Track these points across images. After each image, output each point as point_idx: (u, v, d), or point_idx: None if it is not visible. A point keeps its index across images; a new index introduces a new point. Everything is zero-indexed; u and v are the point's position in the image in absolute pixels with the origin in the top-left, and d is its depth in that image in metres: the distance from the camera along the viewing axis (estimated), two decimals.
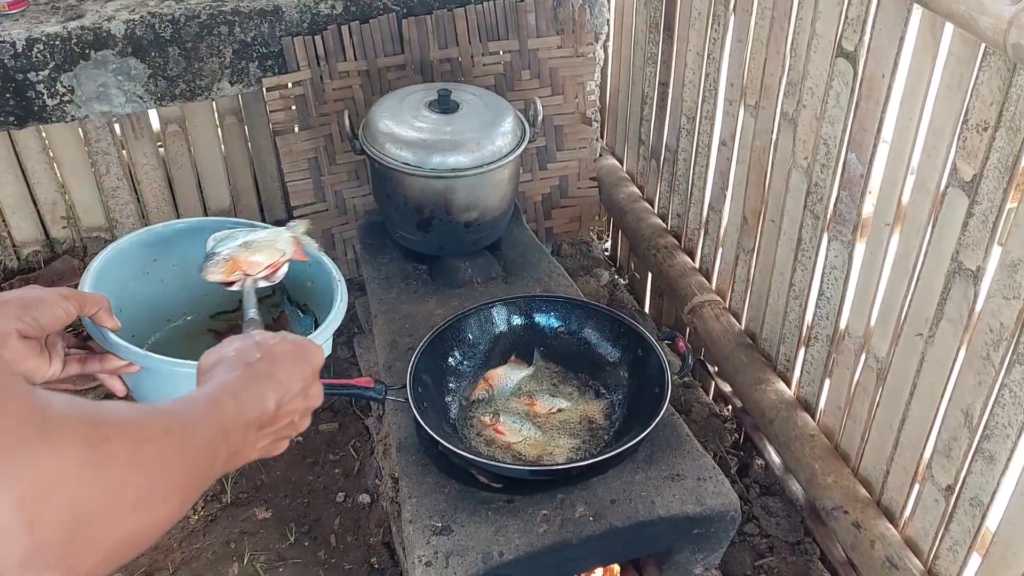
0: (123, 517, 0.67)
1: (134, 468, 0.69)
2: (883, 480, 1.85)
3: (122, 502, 0.67)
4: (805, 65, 1.85)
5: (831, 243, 1.90)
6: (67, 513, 0.62)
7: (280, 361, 1.00)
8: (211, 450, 0.82)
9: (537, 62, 2.73)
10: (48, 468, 0.62)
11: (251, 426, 0.91)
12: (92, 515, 0.64)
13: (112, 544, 0.66)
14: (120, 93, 2.47)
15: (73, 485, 0.63)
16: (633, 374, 1.93)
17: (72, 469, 0.63)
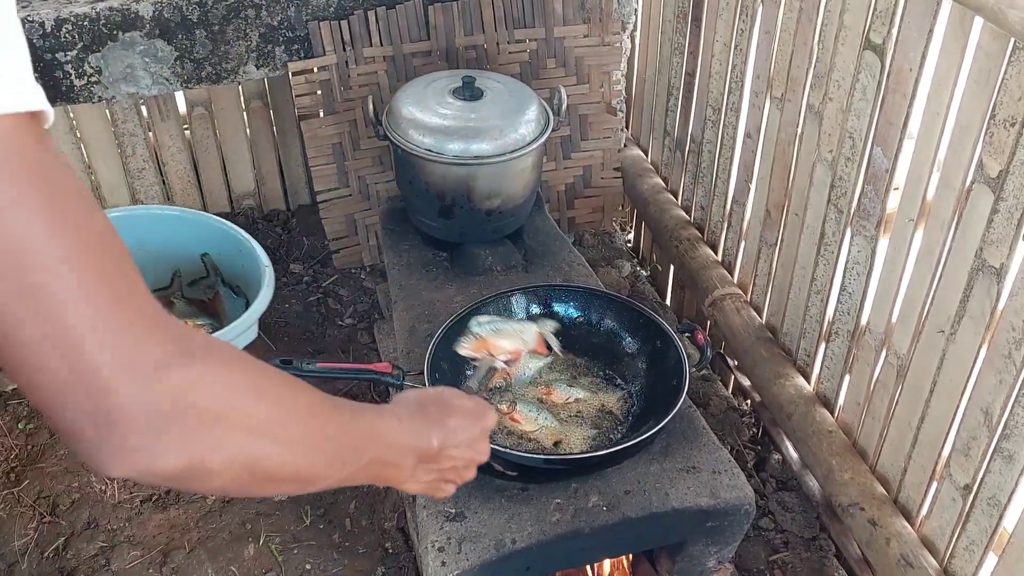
0: (259, 438, 0.75)
1: (286, 407, 0.80)
2: (900, 478, 1.84)
3: (250, 423, 0.75)
4: (832, 57, 1.83)
5: (854, 238, 1.88)
6: (213, 405, 0.70)
7: (453, 413, 1.14)
8: (354, 446, 0.93)
9: (563, 51, 2.72)
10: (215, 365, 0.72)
11: (410, 452, 1.05)
12: (221, 419, 0.71)
13: (238, 454, 0.74)
14: (147, 75, 2.49)
15: (224, 388, 0.72)
16: (651, 365, 1.92)
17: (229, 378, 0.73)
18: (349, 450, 0.91)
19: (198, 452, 0.70)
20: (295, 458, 0.81)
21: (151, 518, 2.18)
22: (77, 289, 0.62)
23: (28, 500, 2.21)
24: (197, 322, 1.69)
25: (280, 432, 0.79)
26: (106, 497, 2.22)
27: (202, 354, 0.71)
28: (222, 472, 0.73)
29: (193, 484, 0.73)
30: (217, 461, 0.72)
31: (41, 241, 0.60)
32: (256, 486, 0.79)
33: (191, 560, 2.08)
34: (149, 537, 2.14)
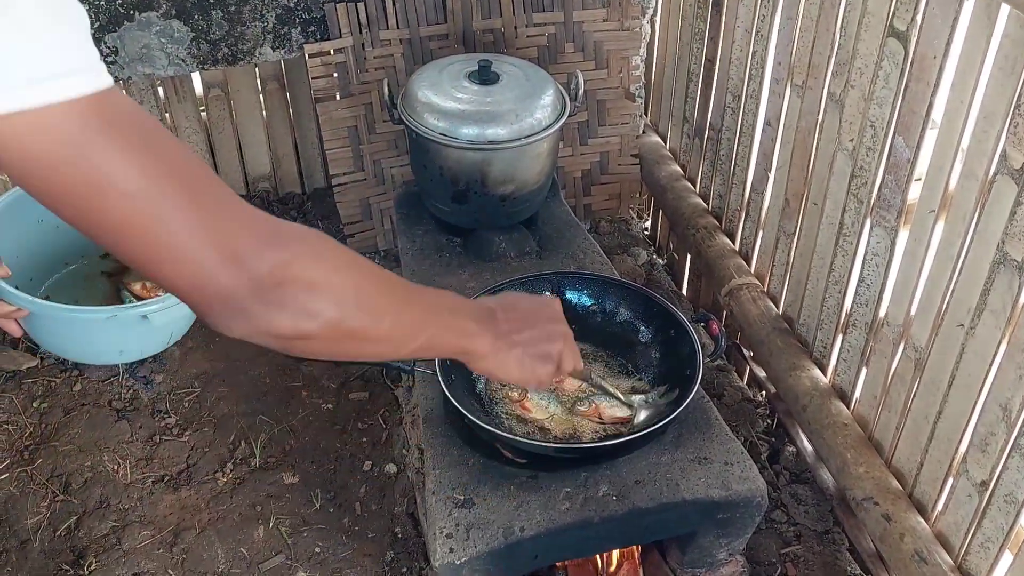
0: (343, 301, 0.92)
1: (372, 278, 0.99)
2: (916, 473, 1.81)
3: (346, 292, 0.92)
4: (855, 44, 1.80)
5: (874, 229, 1.85)
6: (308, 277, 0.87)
7: (519, 296, 1.39)
8: (432, 310, 1.13)
9: (582, 35, 2.69)
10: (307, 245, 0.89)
11: (481, 320, 1.22)
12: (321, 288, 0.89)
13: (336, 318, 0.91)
14: (163, 55, 2.48)
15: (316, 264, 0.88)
16: (664, 355, 1.90)
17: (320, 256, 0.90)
18: (428, 314, 1.12)
19: (301, 317, 0.87)
20: (383, 322, 0.99)
21: (162, 498, 2.18)
22: (180, 212, 0.79)
23: (41, 478, 2.22)
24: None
25: (367, 300, 0.96)
26: (118, 477, 2.22)
27: (294, 237, 0.88)
28: (324, 335, 0.90)
29: (301, 345, 0.90)
30: (317, 324, 0.89)
31: (146, 183, 0.77)
32: (353, 346, 0.97)
33: (201, 541, 2.09)
34: (160, 517, 2.14)
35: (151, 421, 2.37)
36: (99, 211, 0.77)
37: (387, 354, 1.08)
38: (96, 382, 2.46)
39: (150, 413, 2.39)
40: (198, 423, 2.37)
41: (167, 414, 2.39)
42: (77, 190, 0.75)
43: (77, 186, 0.75)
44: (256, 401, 2.43)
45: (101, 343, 1.82)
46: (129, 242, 0.80)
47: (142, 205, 0.77)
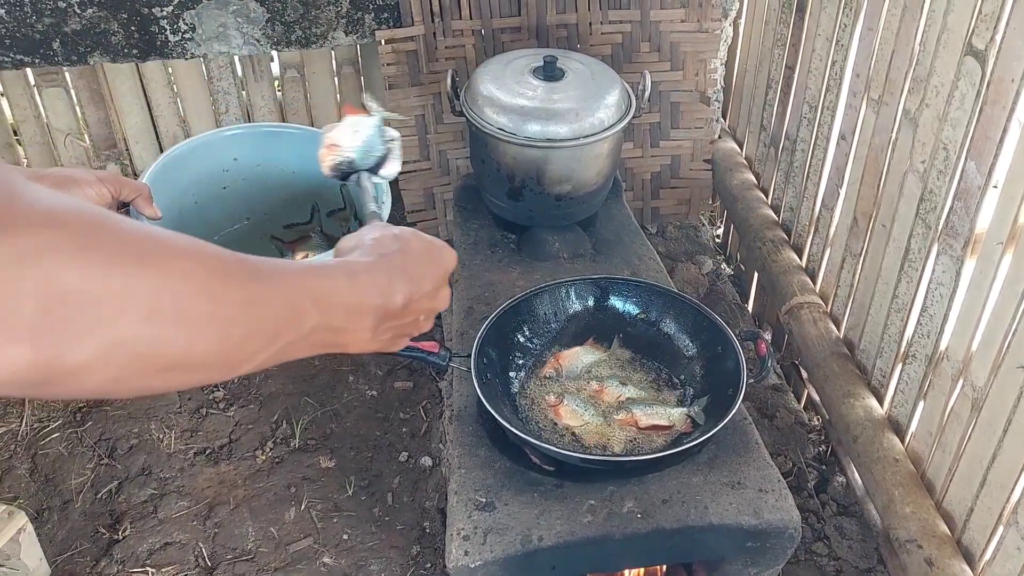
0: (125, 315, 0.59)
1: (185, 274, 0.64)
2: (966, 518, 1.71)
3: (128, 300, 0.59)
4: (932, 61, 1.70)
5: (940, 256, 1.75)
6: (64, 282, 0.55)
7: (415, 257, 0.96)
8: (292, 314, 0.75)
9: (658, 35, 2.63)
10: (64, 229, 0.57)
11: (368, 312, 0.87)
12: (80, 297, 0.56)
13: (117, 342, 0.59)
14: (239, 35, 2.51)
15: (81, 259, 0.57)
16: (709, 371, 1.83)
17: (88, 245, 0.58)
18: (285, 320, 0.75)
19: (49, 346, 0.55)
20: (206, 338, 0.66)
21: (202, 471, 2.21)
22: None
23: (90, 441, 2.28)
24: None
25: (179, 307, 0.63)
26: (162, 446, 2.26)
27: (39, 217, 0.56)
28: (97, 368, 0.59)
29: (61, 388, 0.59)
30: (83, 355, 0.57)
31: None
32: (159, 379, 0.64)
33: (234, 517, 2.11)
34: (198, 490, 2.17)
35: (200, 393, 2.41)
36: None
37: (211, 380, 0.73)
38: None
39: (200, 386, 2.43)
40: (245, 399, 2.39)
41: (216, 388, 2.43)
42: None
43: None
44: (303, 382, 2.44)
45: None
46: None
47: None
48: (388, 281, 0.90)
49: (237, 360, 0.71)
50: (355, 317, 0.85)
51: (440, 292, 1.00)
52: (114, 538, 2.07)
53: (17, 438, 2.29)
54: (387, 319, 0.90)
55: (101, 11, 2.42)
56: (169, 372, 0.64)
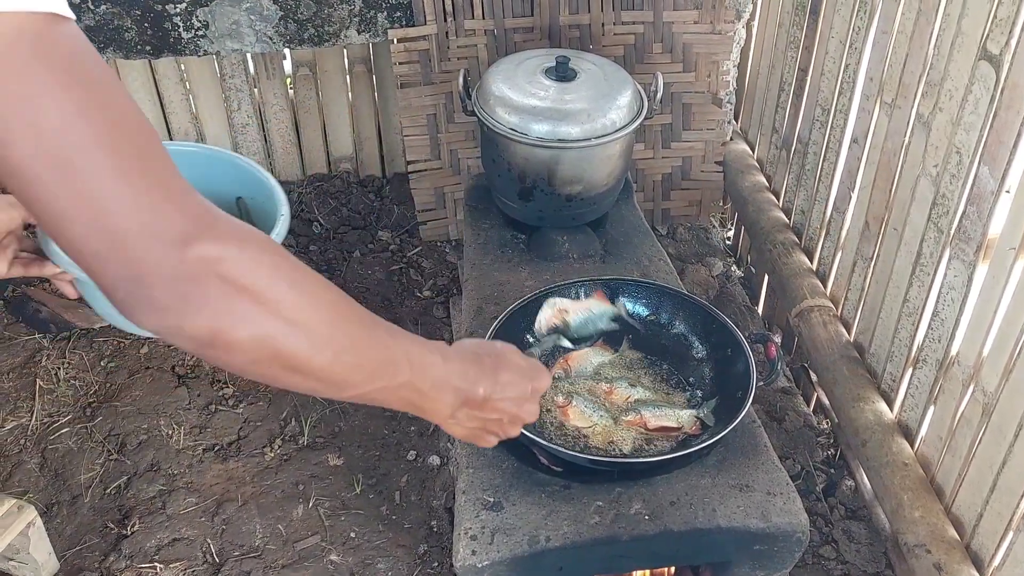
0: (273, 319, 0.79)
1: (319, 302, 0.84)
2: (975, 523, 1.70)
3: (278, 309, 0.79)
4: (946, 65, 1.69)
5: (951, 261, 1.75)
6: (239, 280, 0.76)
7: (507, 368, 1.14)
8: (389, 362, 0.94)
9: (671, 36, 2.62)
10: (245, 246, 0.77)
11: (449, 390, 1.04)
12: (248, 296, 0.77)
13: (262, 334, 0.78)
14: (251, 32, 2.51)
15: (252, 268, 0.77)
16: (718, 373, 1.83)
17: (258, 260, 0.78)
18: (382, 364, 0.93)
19: (222, 321, 0.76)
20: (322, 355, 0.84)
21: (210, 467, 2.22)
22: (106, 166, 0.70)
23: (99, 436, 2.29)
24: None
25: (309, 324, 0.82)
26: (171, 442, 2.27)
27: (235, 234, 0.78)
28: (246, 349, 0.78)
29: (220, 355, 0.78)
30: (240, 335, 0.77)
31: (72, 122, 0.69)
32: (282, 374, 0.83)
33: (242, 513, 2.11)
34: (206, 486, 2.18)
35: (210, 390, 2.41)
36: (9, 140, 0.68)
37: (323, 393, 0.91)
38: (163, 346, 2.52)
39: (210, 382, 2.44)
40: (254, 396, 2.40)
41: (226, 384, 2.43)
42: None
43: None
44: None
45: None
46: (37, 185, 0.70)
47: (62, 144, 0.69)
48: (475, 374, 1.08)
49: (341, 383, 0.89)
50: (438, 390, 1.03)
51: (526, 404, 1.17)
52: (122, 533, 2.08)
53: (27, 432, 2.30)
54: (467, 405, 1.08)
55: (114, 7, 2.43)
56: (291, 372, 0.83)
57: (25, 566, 1.97)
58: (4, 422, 2.33)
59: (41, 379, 2.42)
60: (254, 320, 0.78)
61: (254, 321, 0.78)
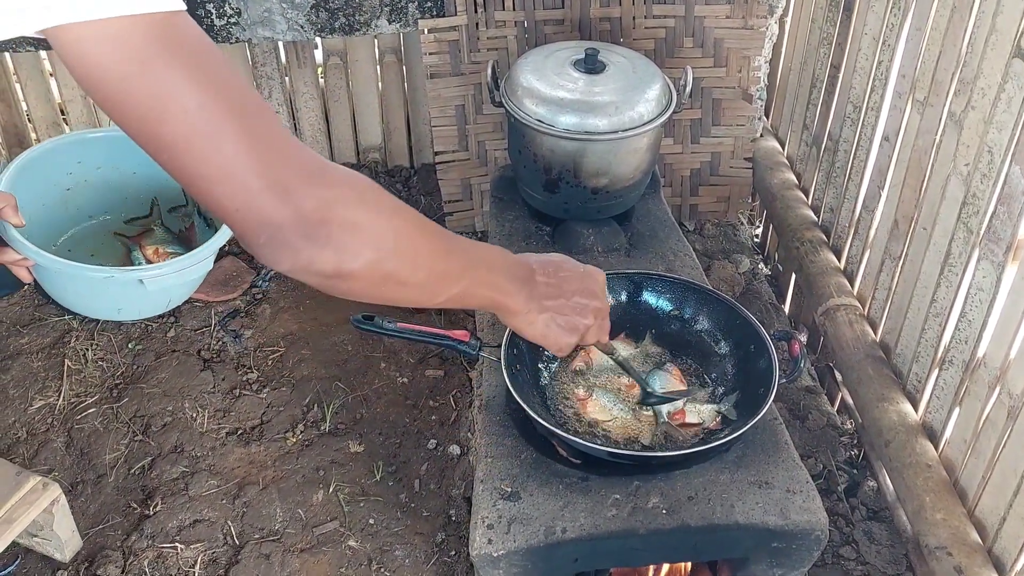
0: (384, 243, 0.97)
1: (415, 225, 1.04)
2: (998, 527, 1.68)
3: (388, 235, 0.97)
4: (980, 63, 1.67)
5: (980, 261, 1.72)
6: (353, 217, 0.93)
7: (559, 263, 1.42)
8: (470, 264, 1.18)
9: (702, 30, 2.61)
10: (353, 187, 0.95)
11: (517, 279, 1.30)
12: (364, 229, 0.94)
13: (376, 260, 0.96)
14: (283, 20, 2.53)
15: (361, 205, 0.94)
16: (740, 370, 1.82)
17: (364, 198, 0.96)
18: (466, 268, 1.15)
19: (343, 253, 0.92)
20: (423, 269, 1.04)
21: (233, 451, 2.24)
22: (238, 136, 0.84)
23: (125, 417, 2.31)
24: (169, 250, 1.76)
25: (411, 245, 1.01)
26: (195, 425, 2.29)
27: (340, 178, 0.93)
28: (364, 275, 0.95)
29: (342, 283, 0.95)
30: (359, 264, 0.93)
31: (208, 101, 0.81)
32: (393, 290, 1.01)
33: (263, 497, 2.13)
34: (228, 469, 2.20)
35: (234, 374, 2.43)
36: (158, 125, 0.82)
37: (421, 301, 1.12)
38: (189, 330, 2.55)
39: (234, 367, 2.46)
40: (277, 382, 2.42)
41: (250, 369, 2.45)
42: (140, 103, 0.81)
43: (140, 99, 0.80)
44: (335, 367, 2.46)
45: (99, 300, 1.89)
46: (184, 159, 0.84)
47: (198, 123, 0.82)
48: (531, 264, 1.36)
49: (438, 287, 1.11)
50: (509, 280, 1.28)
51: (590, 290, 1.42)
52: (145, 513, 2.10)
53: (54, 412, 2.34)
54: (537, 294, 1.33)
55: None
56: (400, 287, 1.02)
57: (49, 543, 2.00)
58: (32, 401, 2.36)
59: (69, 360, 2.45)
60: (366, 249, 0.94)
61: (366, 250, 0.94)
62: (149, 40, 0.79)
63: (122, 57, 0.78)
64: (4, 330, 2.54)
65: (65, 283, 1.49)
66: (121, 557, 2.03)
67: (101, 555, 2.03)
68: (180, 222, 1.76)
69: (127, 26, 0.77)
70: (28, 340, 2.51)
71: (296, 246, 0.88)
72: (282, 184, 0.86)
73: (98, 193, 1.73)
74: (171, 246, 1.76)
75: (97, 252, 1.66)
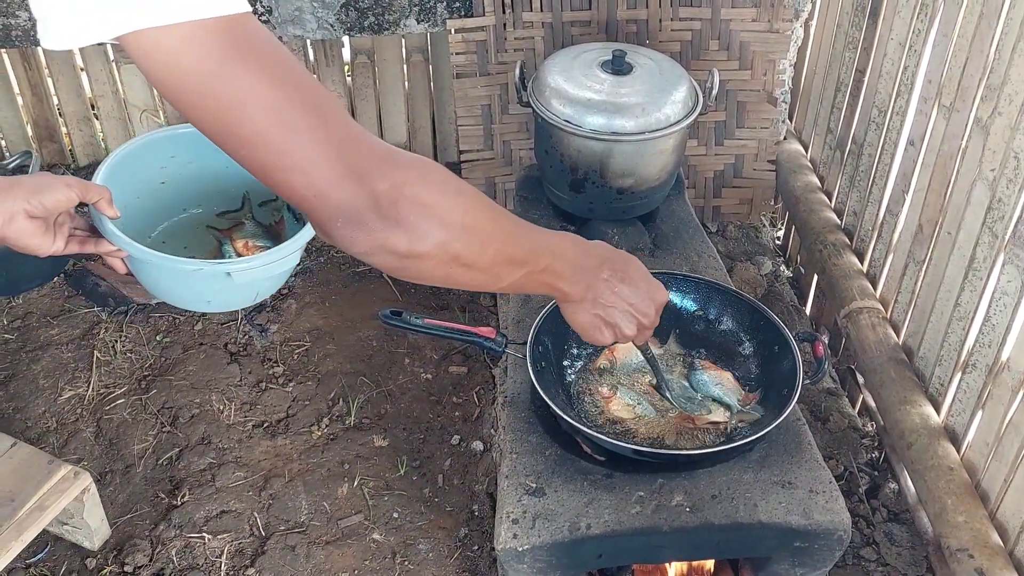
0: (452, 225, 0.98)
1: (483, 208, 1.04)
2: (1020, 530, 1.69)
3: (455, 216, 0.99)
4: (1007, 69, 1.68)
5: (1005, 266, 1.74)
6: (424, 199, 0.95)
7: (633, 267, 1.38)
8: (536, 250, 1.17)
9: (728, 33, 2.62)
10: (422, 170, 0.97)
11: (580, 270, 1.28)
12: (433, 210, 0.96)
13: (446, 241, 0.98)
14: (313, 19, 2.56)
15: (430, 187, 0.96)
16: (764, 370, 1.84)
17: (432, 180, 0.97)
18: (530, 253, 1.15)
19: (414, 233, 0.94)
20: (489, 251, 1.05)
21: (259, 443, 2.27)
22: (312, 129, 0.88)
23: (153, 408, 2.35)
24: (259, 243, 1.78)
25: (477, 227, 1.02)
26: (222, 417, 2.32)
27: (409, 161, 0.96)
28: (433, 255, 0.97)
29: (413, 264, 0.98)
30: (429, 245, 0.96)
31: (282, 98, 0.86)
32: (459, 272, 1.03)
33: (288, 489, 2.16)
34: (254, 461, 2.23)
35: (260, 368, 2.47)
36: (237, 123, 0.85)
37: (486, 285, 1.13)
38: (216, 324, 2.58)
39: (261, 361, 2.49)
40: (303, 376, 2.45)
41: (276, 363, 2.48)
42: (220, 103, 0.84)
43: (220, 99, 0.84)
44: (360, 362, 2.49)
45: (188, 292, 1.90)
46: (263, 153, 0.88)
47: (276, 119, 0.86)
48: (602, 262, 1.32)
49: (502, 272, 1.10)
50: (572, 270, 1.26)
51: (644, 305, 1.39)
52: (172, 503, 2.14)
53: (84, 402, 2.37)
54: (594, 290, 1.31)
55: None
56: (466, 269, 1.03)
57: (79, 531, 2.04)
58: (62, 391, 2.40)
59: (99, 351, 2.49)
60: (436, 229, 0.96)
61: (437, 230, 0.96)
62: (225, 42, 0.82)
63: (200, 60, 0.81)
64: (35, 321, 2.59)
65: (156, 274, 1.53)
66: (149, 546, 2.06)
67: (129, 544, 2.06)
68: (270, 216, 1.79)
69: (202, 29, 0.80)
70: (58, 331, 2.56)
71: (372, 226, 0.92)
72: (356, 169, 0.90)
73: (191, 187, 1.77)
74: (260, 240, 1.79)
75: (190, 245, 1.71)
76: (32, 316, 2.61)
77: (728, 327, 1.92)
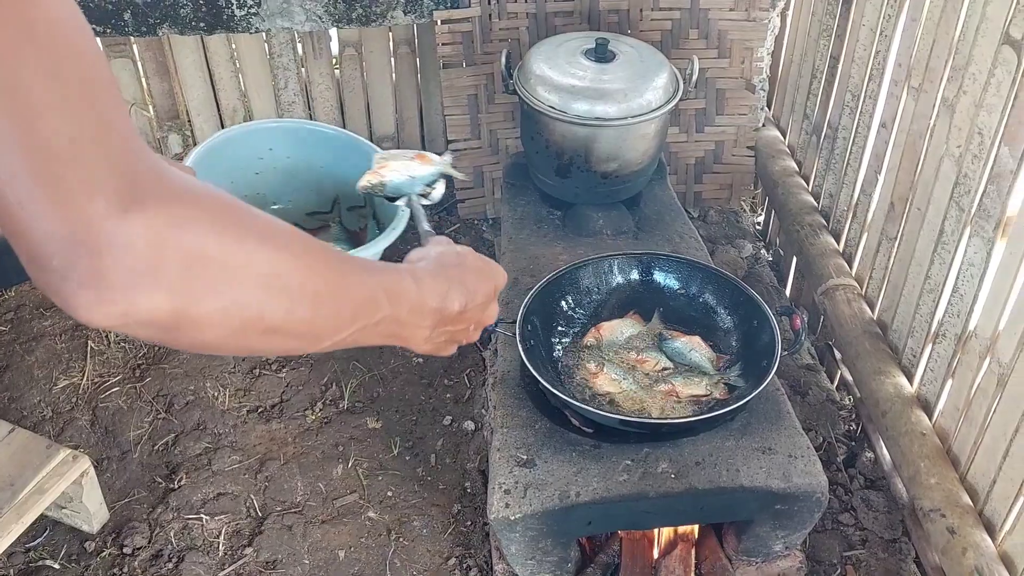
0: (246, 281, 0.69)
1: (292, 254, 0.74)
2: (988, 490, 1.77)
3: (250, 270, 0.69)
4: (971, 50, 1.76)
5: (972, 238, 1.81)
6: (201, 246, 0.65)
7: (472, 272, 1.06)
8: (368, 301, 0.86)
9: (707, 22, 2.69)
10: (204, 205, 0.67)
11: (427, 314, 0.97)
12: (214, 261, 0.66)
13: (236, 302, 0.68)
14: (302, 11, 2.61)
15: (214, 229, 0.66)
16: (744, 344, 1.91)
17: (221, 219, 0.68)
18: (362, 305, 0.85)
19: (185, 295, 0.65)
20: (302, 310, 0.75)
21: (254, 428, 2.32)
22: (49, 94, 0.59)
23: (148, 396, 2.40)
24: (342, 247, 1.79)
25: (284, 280, 0.73)
26: (217, 403, 2.37)
27: (190, 192, 0.66)
28: (217, 322, 0.68)
29: (187, 335, 0.68)
30: (208, 308, 0.67)
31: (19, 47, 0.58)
32: (258, 340, 0.74)
33: (284, 472, 2.21)
34: (250, 445, 2.28)
35: (254, 355, 2.52)
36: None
37: (300, 349, 0.83)
38: None
39: None
40: (296, 362, 2.50)
41: None
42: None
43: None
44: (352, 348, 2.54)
45: None
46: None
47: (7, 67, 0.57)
48: (447, 289, 1.00)
49: (322, 333, 0.81)
50: (417, 315, 0.95)
51: (490, 306, 1.11)
52: (170, 487, 2.19)
53: (79, 391, 2.42)
54: (444, 323, 1.00)
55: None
56: (270, 335, 0.74)
57: (78, 515, 2.08)
58: (56, 381, 2.44)
59: (92, 341, 2.54)
60: (224, 287, 0.68)
61: (224, 288, 0.68)
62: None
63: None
64: (27, 313, 2.63)
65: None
66: (147, 528, 2.11)
67: (128, 527, 2.11)
68: (357, 222, 1.80)
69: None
70: (51, 323, 2.60)
71: (110, 281, 0.61)
72: (105, 178, 0.61)
73: (284, 181, 1.76)
74: (344, 243, 1.81)
75: None
76: (25, 308, 2.65)
77: (709, 303, 1.99)
